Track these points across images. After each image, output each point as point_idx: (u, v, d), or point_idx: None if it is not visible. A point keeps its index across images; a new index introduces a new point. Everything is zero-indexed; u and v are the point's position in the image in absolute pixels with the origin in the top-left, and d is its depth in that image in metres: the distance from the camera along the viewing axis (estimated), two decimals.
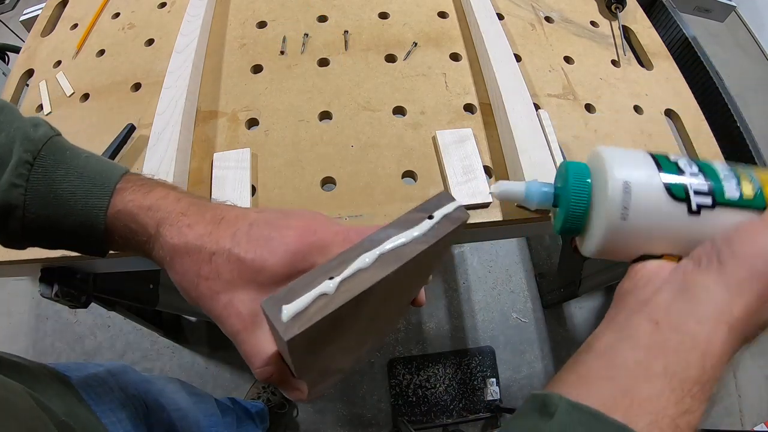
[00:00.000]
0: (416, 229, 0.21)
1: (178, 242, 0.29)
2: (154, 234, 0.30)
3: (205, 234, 0.29)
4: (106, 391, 0.51)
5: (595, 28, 0.74)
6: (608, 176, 0.27)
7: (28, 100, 0.68)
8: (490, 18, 0.67)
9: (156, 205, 0.31)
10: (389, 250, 0.20)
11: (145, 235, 0.30)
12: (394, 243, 0.20)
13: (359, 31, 0.70)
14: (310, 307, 0.18)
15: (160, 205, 0.31)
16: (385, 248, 0.20)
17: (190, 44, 0.64)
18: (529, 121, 0.55)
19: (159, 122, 0.56)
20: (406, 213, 0.22)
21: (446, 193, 0.23)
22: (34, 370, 0.43)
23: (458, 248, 1.51)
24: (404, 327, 1.37)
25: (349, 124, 0.61)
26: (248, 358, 0.27)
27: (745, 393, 1.37)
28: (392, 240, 0.20)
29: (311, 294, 0.18)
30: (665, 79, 0.69)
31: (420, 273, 0.27)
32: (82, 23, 0.76)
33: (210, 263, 0.28)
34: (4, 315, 1.42)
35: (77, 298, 0.60)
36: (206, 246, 0.28)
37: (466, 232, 0.56)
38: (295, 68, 0.66)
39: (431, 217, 0.22)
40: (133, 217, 0.31)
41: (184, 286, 0.29)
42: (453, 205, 0.23)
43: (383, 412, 1.28)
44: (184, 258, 0.29)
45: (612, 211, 0.27)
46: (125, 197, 0.31)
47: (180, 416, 0.66)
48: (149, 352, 1.34)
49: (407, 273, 0.23)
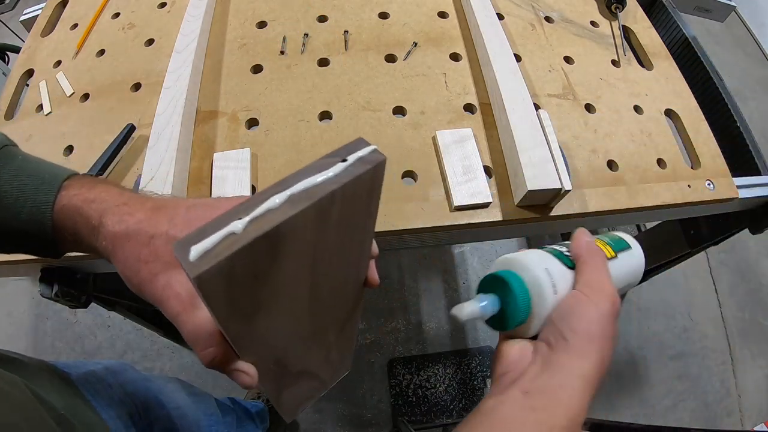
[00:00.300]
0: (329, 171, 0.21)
1: (118, 230, 0.29)
2: (97, 225, 0.31)
3: (145, 219, 0.30)
4: (105, 387, 0.51)
5: (595, 28, 0.74)
6: (532, 268, 0.34)
7: (28, 100, 0.68)
8: (490, 18, 0.67)
9: (99, 197, 0.32)
10: (300, 190, 0.20)
11: (89, 227, 0.31)
12: (306, 184, 0.20)
13: (359, 31, 0.70)
14: (217, 245, 0.18)
15: (103, 197, 0.31)
16: (295, 189, 0.20)
17: (190, 44, 0.64)
18: (529, 121, 0.55)
19: (159, 122, 0.56)
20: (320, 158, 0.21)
21: (362, 139, 0.22)
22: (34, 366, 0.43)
23: (458, 248, 1.51)
24: (404, 327, 1.37)
25: (349, 124, 0.61)
26: (190, 340, 0.27)
27: (745, 393, 1.37)
28: (304, 182, 0.20)
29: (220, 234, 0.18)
30: (665, 79, 0.69)
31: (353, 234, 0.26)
32: (82, 23, 0.76)
33: (149, 246, 0.29)
34: (4, 315, 1.42)
35: (77, 298, 0.60)
36: (145, 230, 0.29)
37: (467, 233, 0.56)
38: (295, 68, 0.66)
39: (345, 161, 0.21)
40: (78, 210, 0.31)
41: (126, 273, 0.29)
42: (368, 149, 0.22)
43: (383, 412, 1.28)
44: (124, 244, 0.29)
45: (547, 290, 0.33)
46: (71, 192, 0.32)
47: (180, 414, 0.66)
48: (149, 352, 1.34)
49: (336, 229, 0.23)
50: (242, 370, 0.28)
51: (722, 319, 1.48)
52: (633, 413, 1.32)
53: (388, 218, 0.53)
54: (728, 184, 0.60)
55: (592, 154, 0.60)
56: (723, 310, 1.49)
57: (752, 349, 1.44)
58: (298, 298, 0.26)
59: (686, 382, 1.37)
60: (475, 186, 0.54)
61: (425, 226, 0.53)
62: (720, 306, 1.50)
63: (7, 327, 1.40)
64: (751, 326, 1.48)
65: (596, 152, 0.60)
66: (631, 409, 1.33)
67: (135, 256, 0.29)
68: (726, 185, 0.60)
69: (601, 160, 0.59)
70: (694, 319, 1.47)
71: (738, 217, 0.68)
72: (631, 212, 0.58)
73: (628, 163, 0.60)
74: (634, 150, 0.61)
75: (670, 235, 0.86)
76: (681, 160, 0.62)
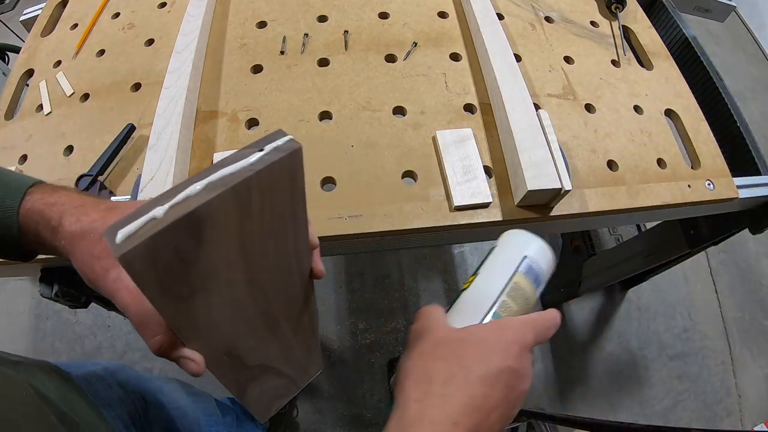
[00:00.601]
0: (246, 160, 0.22)
1: (75, 229, 0.32)
2: (56, 226, 0.33)
3: (98, 219, 0.32)
4: (105, 387, 0.51)
5: (595, 28, 0.74)
6: None
7: (28, 100, 0.68)
8: (490, 18, 0.67)
9: (59, 201, 0.34)
10: (218, 178, 0.21)
11: (50, 228, 0.33)
12: (224, 173, 0.21)
13: (359, 31, 0.70)
14: (140, 229, 0.19)
15: (62, 201, 0.34)
16: (213, 177, 0.21)
17: (190, 44, 0.64)
18: (529, 121, 0.55)
19: (159, 122, 0.56)
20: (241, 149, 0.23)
21: (280, 130, 0.24)
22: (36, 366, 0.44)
23: (458, 248, 1.51)
24: (404, 327, 1.36)
25: (349, 124, 0.61)
26: (139, 329, 0.29)
27: (745, 393, 1.37)
28: (222, 171, 0.22)
29: (143, 219, 0.20)
30: (665, 79, 0.69)
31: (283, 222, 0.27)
32: (82, 23, 0.76)
33: (101, 243, 0.31)
34: (4, 315, 1.42)
35: (77, 298, 0.60)
36: (98, 228, 0.31)
37: (467, 233, 0.56)
38: (295, 68, 0.66)
39: (261, 150, 0.23)
40: (41, 213, 0.34)
41: (82, 269, 0.32)
42: (285, 138, 0.23)
43: (383, 412, 1.28)
44: (80, 242, 0.31)
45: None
46: (34, 197, 0.35)
47: (180, 414, 0.66)
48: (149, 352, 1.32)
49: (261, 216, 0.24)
50: (188, 356, 0.30)
51: (722, 319, 1.48)
52: (633, 413, 1.32)
53: (388, 218, 0.53)
54: (728, 184, 0.60)
55: (592, 154, 0.60)
56: (723, 310, 1.49)
57: (752, 349, 1.43)
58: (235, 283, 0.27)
59: (686, 382, 1.37)
60: (475, 186, 0.54)
61: (425, 226, 0.53)
62: (720, 306, 1.50)
63: (7, 327, 1.40)
64: (751, 326, 1.48)
65: (596, 152, 0.60)
66: (631, 409, 1.33)
67: (89, 252, 0.31)
68: (726, 185, 0.60)
69: (601, 160, 0.59)
70: (694, 319, 1.47)
71: (738, 217, 0.68)
72: (631, 212, 0.58)
73: (628, 163, 0.60)
74: (634, 150, 0.61)
75: (670, 235, 0.86)
76: (681, 160, 0.62)
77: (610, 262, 1.11)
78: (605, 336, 1.42)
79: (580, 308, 1.45)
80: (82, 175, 0.55)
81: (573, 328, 1.43)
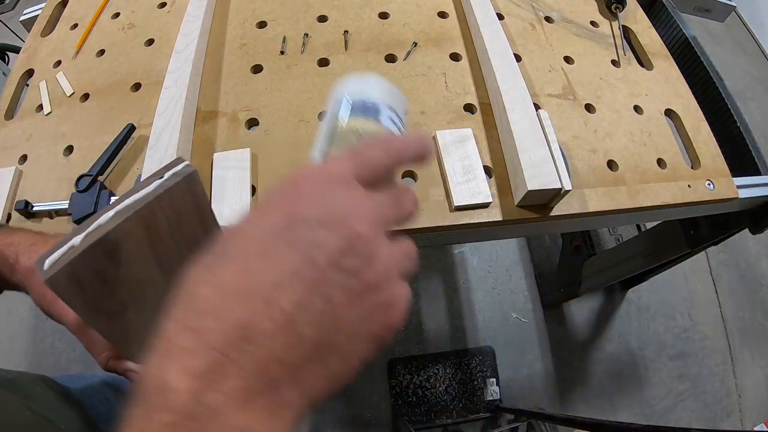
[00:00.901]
0: (149, 187, 0.25)
1: (29, 264, 0.36)
2: (13, 263, 0.37)
3: None
4: (103, 401, 0.52)
5: (595, 28, 0.74)
6: None
7: (28, 100, 0.68)
8: (490, 18, 0.67)
9: (15, 241, 0.38)
10: (125, 206, 0.24)
11: (8, 266, 0.37)
12: (130, 201, 0.24)
13: (359, 31, 0.70)
14: (62, 256, 0.22)
15: (19, 241, 0.38)
16: (121, 206, 0.24)
17: (190, 44, 0.64)
18: (529, 121, 0.55)
19: (159, 122, 0.56)
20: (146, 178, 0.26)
21: (180, 158, 0.27)
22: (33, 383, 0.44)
23: (458, 248, 1.52)
24: (404, 327, 1.37)
25: None
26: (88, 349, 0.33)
27: (745, 393, 1.37)
28: (128, 199, 0.25)
29: (64, 248, 0.23)
30: (665, 79, 0.69)
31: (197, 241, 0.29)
32: (82, 23, 0.76)
33: None
34: (4, 315, 1.42)
35: None
36: None
37: (467, 233, 0.56)
38: (295, 68, 0.66)
39: (161, 177, 0.25)
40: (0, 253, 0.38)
41: (37, 300, 0.35)
42: (182, 164, 0.26)
43: (383, 412, 1.28)
44: (34, 275, 0.35)
45: None
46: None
47: None
48: None
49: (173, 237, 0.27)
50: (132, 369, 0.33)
51: (722, 319, 1.48)
52: (633, 413, 1.32)
53: None
54: (728, 184, 0.60)
55: (592, 154, 0.60)
56: (723, 310, 1.49)
57: (752, 349, 1.44)
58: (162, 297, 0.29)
59: (686, 382, 1.38)
60: (475, 186, 0.54)
61: (425, 226, 0.53)
62: (720, 306, 1.50)
63: (7, 327, 1.40)
64: (751, 326, 1.48)
65: (596, 152, 0.60)
66: (631, 409, 1.33)
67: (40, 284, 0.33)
68: (726, 185, 0.60)
69: (601, 160, 0.59)
70: (694, 319, 1.47)
71: (738, 217, 0.68)
72: (631, 212, 0.58)
73: (628, 163, 0.60)
74: (634, 150, 0.61)
75: (670, 235, 0.86)
76: (681, 160, 0.62)
77: (610, 262, 1.12)
78: (605, 336, 1.43)
79: (580, 308, 1.46)
80: (82, 175, 0.55)
81: (573, 328, 1.43)
